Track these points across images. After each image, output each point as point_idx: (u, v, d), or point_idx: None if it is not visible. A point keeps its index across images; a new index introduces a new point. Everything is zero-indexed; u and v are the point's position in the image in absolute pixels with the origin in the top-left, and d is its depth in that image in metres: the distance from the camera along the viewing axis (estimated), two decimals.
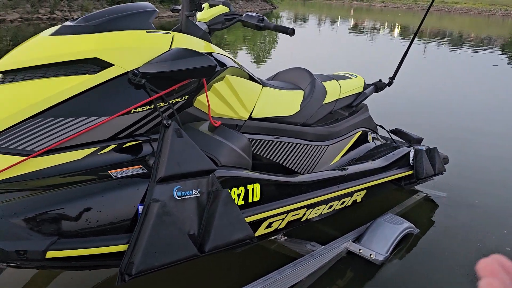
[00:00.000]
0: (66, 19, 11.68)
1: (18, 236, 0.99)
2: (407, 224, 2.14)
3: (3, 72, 1.20)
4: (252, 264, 1.86)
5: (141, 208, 1.14)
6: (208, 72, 1.34)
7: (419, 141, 2.76)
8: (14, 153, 1.10)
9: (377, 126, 2.58)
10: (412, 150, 2.38)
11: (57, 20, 11.80)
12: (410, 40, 2.51)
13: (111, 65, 1.23)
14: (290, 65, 2.27)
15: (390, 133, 2.76)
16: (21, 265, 1.06)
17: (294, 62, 6.43)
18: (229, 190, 1.29)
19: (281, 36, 12.23)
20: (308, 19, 22.10)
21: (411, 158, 2.36)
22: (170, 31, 1.45)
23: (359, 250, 1.97)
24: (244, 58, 7.98)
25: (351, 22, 21.71)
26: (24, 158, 1.10)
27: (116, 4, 12.05)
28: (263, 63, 7.66)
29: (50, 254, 1.02)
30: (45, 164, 1.14)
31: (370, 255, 1.94)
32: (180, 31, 1.55)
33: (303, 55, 8.89)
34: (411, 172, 2.34)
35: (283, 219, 1.61)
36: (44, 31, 1.32)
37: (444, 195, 2.71)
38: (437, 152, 2.50)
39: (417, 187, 2.77)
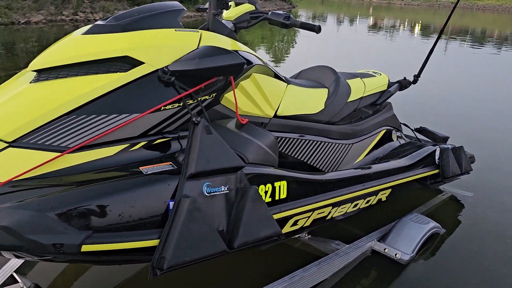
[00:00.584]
0: (89, 21, 11.92)
1: (55, 229, 1.01)
2: (433, 223, 2.11)
3: (38, 71, 1.23)
4: (277, 262, 1.87)
5: (171, 204, 1.15)
6: (236, 69, 1.35)
7: (444, 139, 2.72)
8: (49, 149, 1.13)
9: (401, 125, 2.55)
10: (438, 148, 2.35)
11: (80, 21, 12.04)
12: (435, 38, 2.47)
13: (142, 63, 1.25)
14: (311, 64, 2.26)
15: (414, 132, 2.73)
16: (55, 258, 1.08)
17: (316, 62, 6.40)
18: (256, 187, 1.30)
19: (300, 36, 12.19)
20: (326, 18, 21.97)
21: (437, 157, 2.33)
22: (197, 29, 1.46)
23: (384, 249, 1.95)
24: (264, 57, 7.98)
25: (370, 21, 21.47)
26: (59, 154, 1.13)
27: (137, 5, 12.22)
28: (283, 62, 7.65)
29: (85, 248, 1.04)
30: (79, 160, 1.16)
31: (396, 254, 1.92)
32: (207, 30, 1.57)
33: (322, 56, 8.84)
34: (437, 171, 2.31)
35: (309, 217, 1.61)
36: (76, 30, 1.35)
37: (470, 194, 2.66)
38: (464, 151, 2.46)
39: (441, 186, 2.73)
